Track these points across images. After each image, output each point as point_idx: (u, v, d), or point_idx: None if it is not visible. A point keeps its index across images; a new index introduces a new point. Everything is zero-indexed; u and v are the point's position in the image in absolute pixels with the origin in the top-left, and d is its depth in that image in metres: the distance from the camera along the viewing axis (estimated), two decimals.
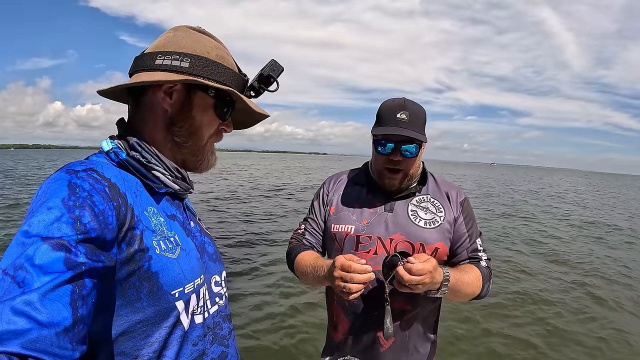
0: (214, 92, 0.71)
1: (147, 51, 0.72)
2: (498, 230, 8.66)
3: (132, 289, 0.59)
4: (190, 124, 0.71)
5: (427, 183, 1.26)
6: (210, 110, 0.72)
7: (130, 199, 0.62)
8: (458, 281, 1.06)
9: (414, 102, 1.17)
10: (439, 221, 1.18)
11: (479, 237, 1.22)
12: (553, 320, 3.91)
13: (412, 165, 1.17)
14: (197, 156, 0.74)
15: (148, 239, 0.61)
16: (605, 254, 6.92)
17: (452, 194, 1.24)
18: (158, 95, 0.69)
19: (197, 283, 0.70)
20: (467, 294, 1.11)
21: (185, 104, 0.70)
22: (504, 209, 12.34)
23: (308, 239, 1.29)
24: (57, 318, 0.46)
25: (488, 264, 1.20)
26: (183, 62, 0.68)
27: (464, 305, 3.96)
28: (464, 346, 3.36)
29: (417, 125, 1.12)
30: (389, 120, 1.13)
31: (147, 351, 0.61)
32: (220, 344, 0.75)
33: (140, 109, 0.71)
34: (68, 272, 0.48)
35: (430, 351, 1.23)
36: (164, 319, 0.63)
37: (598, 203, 17.67)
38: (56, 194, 0.53)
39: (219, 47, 0.74)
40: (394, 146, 1.13)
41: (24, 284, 0.45)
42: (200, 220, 0.85)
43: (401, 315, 1.15)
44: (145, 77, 0.67)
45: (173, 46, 0.70)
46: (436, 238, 1.16)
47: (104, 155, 0.67)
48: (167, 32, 0.74)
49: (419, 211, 1.20)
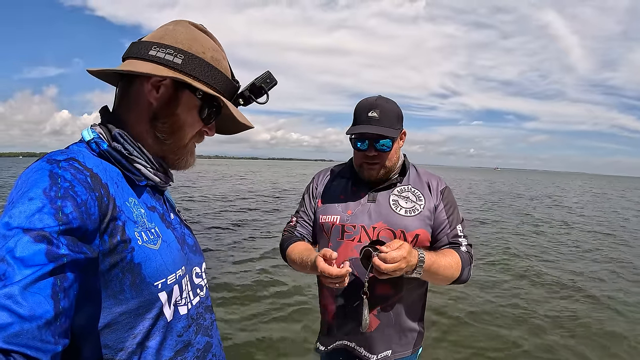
0: (202, 94, 0.70)
1: (144, 39, 0.70)
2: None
3: (115, 281, 0.58)
4: (174, 121, 0.70)
5: (407, 174, 1.32)
6: (195, 111, 0.71)
7: (112, 190, 0.61)
8: (434, 263, 1.12)
9: (387, 99, 1.25)
10: (419, 209, 1.25)
11: (459, 224, 1.27)
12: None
13: (389, 158, 1.25)
14: (176, 154, 0.74)
15: (130, 230, 0.61)
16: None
17: (432, 183, 1.31)
18: (145, 87, 0.68)
19: (179, 274, 0.70)
20: (445, 276, 1.17)
21: (171, 100, 0.69)
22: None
23: (299, 231, 1.38)
24: (38, 311, 0.45)
25: (469, 249, 1.26)
26: (176, 58, 0.67)
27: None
28: (451, 334, 3.47)
29: (388, 122, 1.20)
30: (362, 119, 1.22)
31: (131, 343, 0.61)
32: (205, 334, 0.76)
33: (126, 97, 0.70)
34: (49, 264, 0.47)
35: (418, 335, 1.29)
36: (147, 311, 0.63)
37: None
38: (37, 184, 0.52)
39: (215, 50, 0.73)
40: (368, 143, 1.22)
41: (5, 277, 0.45)
42: (180, 212, 0.85)
43: (387, 299, 1.21)
44: (136, 66, 0.66)
45: (170, 39, 0.69)
46: (416, 225, 1.22)
47: (84, 145, 0.66)
48: (168, 24, 0.72)
49: (400, 200, 1.26)
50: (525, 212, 12.70)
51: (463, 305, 4.09)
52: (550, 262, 6.16)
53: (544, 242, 7.82)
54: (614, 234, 9.19)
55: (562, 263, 6.13)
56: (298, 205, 1.44)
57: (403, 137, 1.29)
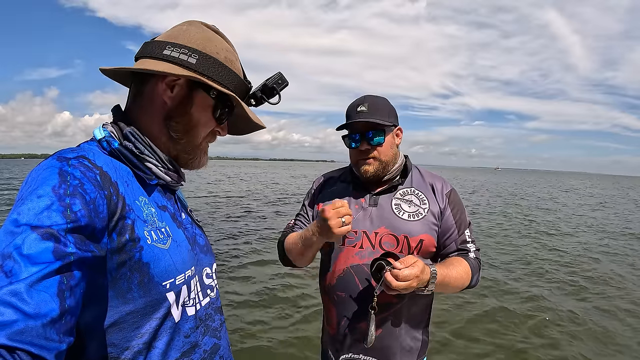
0: (216, 93, 0.70)
1: (157, 39, 0.71)
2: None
3: (123, 280, 0.58)
4: (188, 120, 0.70)
5: (410, 176, 1.28)
6: (209, 111, 0.71)
7: (122, 188, 0.61)
8: (446, 277, 1.08)
9: (375, 95, 1.24)
10: (423, 213, 1.20)
11: (467, 228, 1.23)
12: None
13: (383, 152, 1.21)
14: (189, 154, 0.74)
15: (139, 229, 0.61)
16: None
17: (437, 186, 1.25)
18: (159, 86, 0.68)
19: (188, 274, 0.69)
20: (456, 287, 1.14)
21: (185, 99, 0.69)
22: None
23: (297, 230, 1.33)
24: (44, 309, 0.45)
25: (477, 254, 1.22)
26: (191, 58, 0.67)
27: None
28: (456, 341, 3.39)
29: (378, 114, 1.18)
30: (351, 116, 1.20)
31: (137, 342, 0.61)
32: (213, 336, 0.75)
33: (139, 96, 0.70)
34: (56, 262, 0.47)
35: (422, 345, 1.24)
36: (155, 310, 0.63)
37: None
38: (47, 182, 0.52)
39: (229, 50, 0.73)
40: (360, 137, 1.19)
41: (12, 273, 0.45)
42: (192, 212, 0.85)
43: (390, 308, 1.17)
44: (150, 65, 0.66)
45: (184, 39, 0.69)
46: (420, 230, 1.17)
47: (95, 143, 0.66)
48: (182, 24, 0.73)
49: (403, 204, 1.22)
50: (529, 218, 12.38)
51: (468, 312, 3.99)
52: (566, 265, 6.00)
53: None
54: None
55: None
56: (299, 210, 1.41)
57: (399, 133, 1.26)
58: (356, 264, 1.17)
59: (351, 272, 1.18)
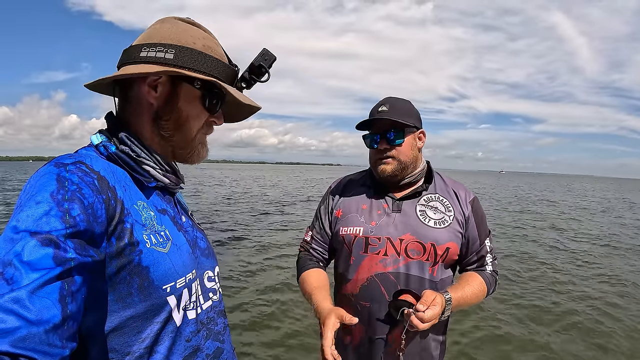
0: (200, 83, 0.69)
1: (134, 43, 0.70)
2: None
3: (123, 284, 0.58)
4: (177, 116, 0.70)
5: (433, 181, 1.25)
6: (198, 102, 0.70)
7: (120, 192, 0.61)
8: (460, 299, 1.09)
9: (398, 97, 1.22)
10: (449, 221, 1.17)
11: (487, 237, 1.22)
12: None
13: (403, 152, 1.17)
14: (185, 149, 0.73)
15: (138, 232, 0.60)
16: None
17: (460, 194, 1.23)
18: (143, 89, 0.68)
19: (189, 278, 0.69)
20: (471, 304, 1.15)
21: (170, 96, 0.69)
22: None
23: (315, 248, 1.30)
24: (46, 315, 0.45)
25: (494, 266, 1.22)
26: (167, 54, 0.66)
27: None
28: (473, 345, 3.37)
29: (398, 114, 1.16)
30: (373, 116, 1.18)
31: (138, 347, 0.61)
32: (215, 340, 0.75)
33: (127, 102, 0.70)
34: (57, 268, 0.47)
35: (441, 349, 1.22)
36: (156, 314, 0.62)
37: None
38: (45, 188, 0.52)
39: (206, 37, 0.72)
40: (380, 136, 1.17)
41: (13, 281, 0.45)
42: (192, 215, 0.85)
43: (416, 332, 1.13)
44: (129, 70, 0.66)
45: (158, 37, 0.68)
46: (447, 238, 1.15)
47: (93, 149, 0.66)
48: (155, 24, 0.72)
49: (428, 211, 1.18)
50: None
51: (485, 314, 3.97)
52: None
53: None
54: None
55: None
56: (313, 217, 1.35)
57: (422, 137, 1.23)
58: (380, 272, 1.13)
59: (376, 280, 1.14)
